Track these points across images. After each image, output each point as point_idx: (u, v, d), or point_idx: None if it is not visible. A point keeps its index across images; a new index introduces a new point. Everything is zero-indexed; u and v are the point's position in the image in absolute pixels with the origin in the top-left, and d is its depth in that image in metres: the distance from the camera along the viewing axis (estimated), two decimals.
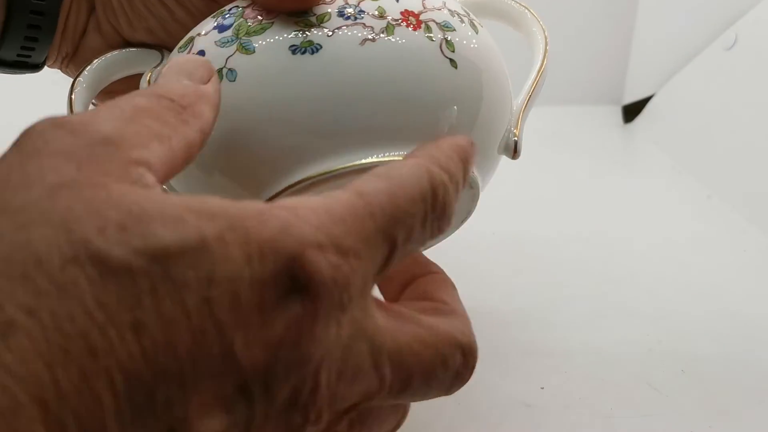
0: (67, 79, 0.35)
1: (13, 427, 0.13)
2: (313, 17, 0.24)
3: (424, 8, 0.25)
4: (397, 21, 0.24)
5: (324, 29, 0.23)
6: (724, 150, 0.57)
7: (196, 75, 0.20)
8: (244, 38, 0.24)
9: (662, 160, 0.62)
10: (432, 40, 0.24)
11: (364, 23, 0.24)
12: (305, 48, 0.23)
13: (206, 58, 0.24)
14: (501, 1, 0.32)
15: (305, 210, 0.16)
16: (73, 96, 0.27)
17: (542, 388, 0.33)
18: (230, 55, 0.24)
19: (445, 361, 0.19)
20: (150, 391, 0.14)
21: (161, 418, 0.14)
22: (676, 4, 0.67)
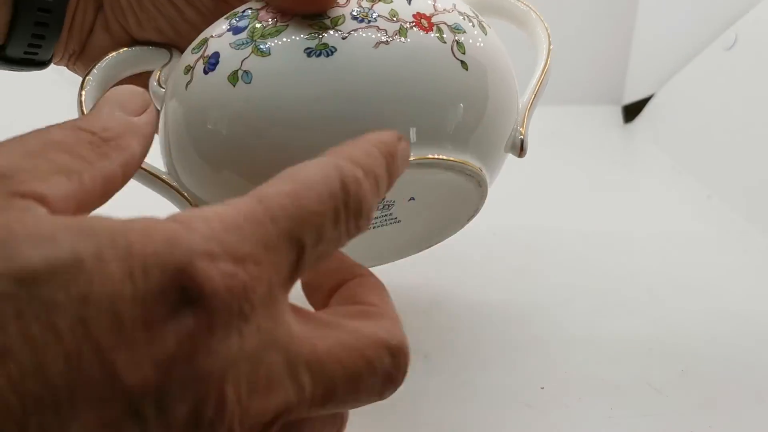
0: (68, 79, 0.35)
1: None
2: (327, 20, 0.24)
3: (435, 11, 0.25)
4: (410, 23, 0.24)
5: (338, 32, 0.24)
6: (724, 150, 0.57)
7: (128, 106, 0.20)
8: (259, 40, 0.24)
9: (662, 160, 0.62)
10: (444, 42, 0.25)
11: (377, 26, 0.24)
12: (320, 50, 0.23)
13: (221, 60, 0.24)
14: (506, 0, 0.32)
15: (196, 220, 0.15)
16: (83, 93, 0.27)
17: (542, 388, 0.33)
18: (245, 58, 0.24)
19: (371, 365, 0.18)
20: (20, 421, 0.13)
21: None
22: (676, 4, 0.67)
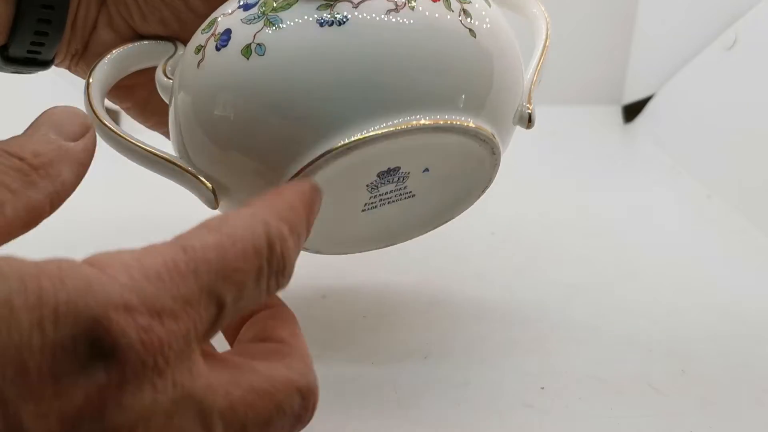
0: (68, 80, 0.35)
1: None
2: None
3: None
4: None
5: (349, 1, 0.24)
6: (724, 150, 0.57)
7: (65, 129, 0.19)
8: (270, 14, 0.24)
9: (662, 160, 0.62)
10: (451, 10, 0.25)
11: None
12: (332, 20, 0.24)
13: (233, 35, 0.25)
14: None
15: (116, 266, 0.15)
16: (90, 90, 0.27)
17: (542, 388, 0.33)
18: (258, 31, 0.24)
19: (282, 408, 0.18)
20: None
21: None
22: (676, 4, 0.67)
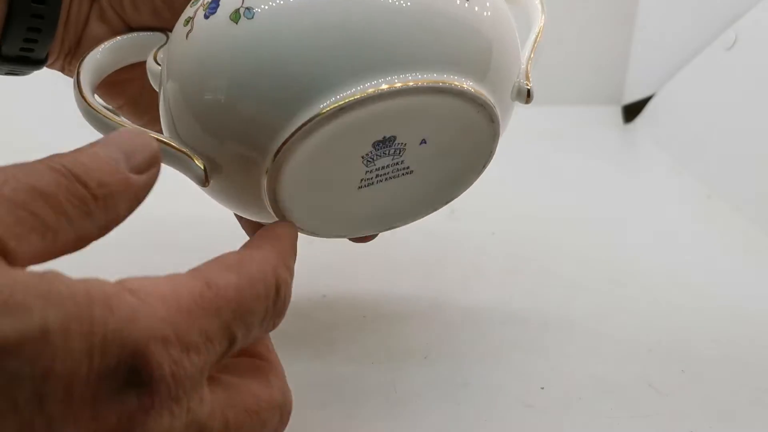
0: (66, 80, 0.35)
1: None
2: None
3: None
4: None
5: None
6: (724, 150, 0.57)
7: (134, 159, 0.19)
8: None
9: (662, 160, 0.62)
10: None
11: None
12: None
13: (222, 2, 0.24)
14: None
15: (154, 297, 0.16)
16: (81, 81, 0.27)
17: (542, 388, 0.33)
18: None
19: (265, 425, 0.20)
20: None
21: None
22: (676, 4, 0.67)
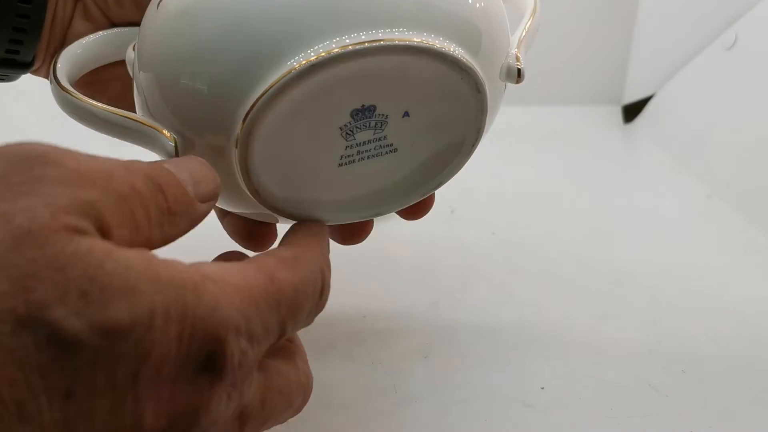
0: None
1: None
2: None
3: None
4: None
5: None
6: (724, 150, 0.57)
7: (201, 188, 0.20)
8: None
9: (662, 160, 0.62)
10: None
11: None
12: None
13: None
14: None
15: (231, 288, 0.17)
16: (57, 69, 0.26)
17: (542, 388, 0.33)
18: None
19: (291, 405, 0.21)
20: None
21: None
22: (676, 4, 0.67)
